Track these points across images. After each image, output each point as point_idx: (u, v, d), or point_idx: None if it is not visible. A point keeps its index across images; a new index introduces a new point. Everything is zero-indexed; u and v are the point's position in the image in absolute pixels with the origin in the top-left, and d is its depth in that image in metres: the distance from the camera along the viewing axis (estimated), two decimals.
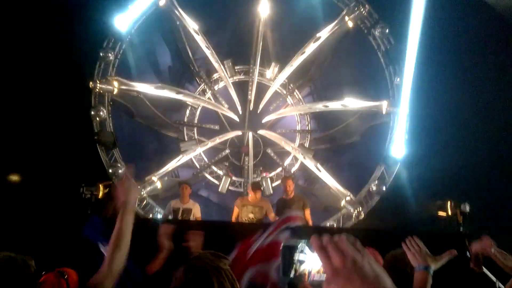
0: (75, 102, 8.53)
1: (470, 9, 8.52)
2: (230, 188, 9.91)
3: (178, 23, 9.38)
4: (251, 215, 6.62)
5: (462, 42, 8.57)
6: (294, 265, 1.12)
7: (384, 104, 8.67)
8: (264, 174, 10.15)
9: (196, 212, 6.91)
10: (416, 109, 8.69)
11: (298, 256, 1.12)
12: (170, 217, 6.95)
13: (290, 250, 1.12)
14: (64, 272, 3.02)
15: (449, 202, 6.73)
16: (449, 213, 7.05)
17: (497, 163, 8.46)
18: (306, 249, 1.11)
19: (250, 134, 9.96)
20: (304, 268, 1.11)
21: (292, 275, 1.11)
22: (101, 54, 8.75)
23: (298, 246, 1.13)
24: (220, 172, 10.05)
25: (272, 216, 6.55)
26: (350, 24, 8.73)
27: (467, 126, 8.69)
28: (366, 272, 0.83)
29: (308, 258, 1.10)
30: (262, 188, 8.03)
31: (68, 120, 8.31)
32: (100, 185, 6.28)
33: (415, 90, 8.66)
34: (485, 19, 8.82)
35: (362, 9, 8.58)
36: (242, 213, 6.70)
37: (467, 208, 6.72)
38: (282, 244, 1.15)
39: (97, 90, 8.58)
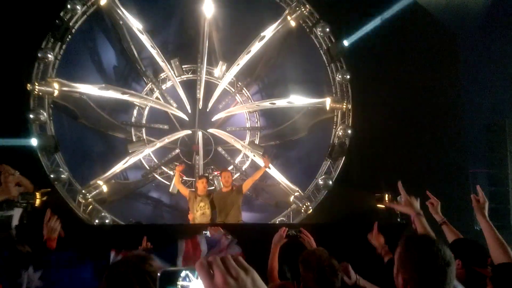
0: (12, 106, 8.15)
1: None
2: None
3: (121, 22, 9.17)
4: (202, 204, 6.97)
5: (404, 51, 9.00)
6: None
7: (327, 101, 8.94)
8: (215, 173, 10.18)
9: None
10: (357, 105, 9.04)
11: (181, 283, 1.06)
12: None
13: (171, 276, 1.06)
14: None
15: (386, 195, 7.05)
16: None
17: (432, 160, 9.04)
18: (190, 276, 1.06)
19: (200, 133, 9.93)
20: None
21: None
22: (39, 55, 8.39)
23: (181, 273, 1.07)
24: (171, 173, 9.96)
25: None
26: (293, 23, 8.89)
27: (406, 125, 9.17)
28: None
29: (193, 285, 1.05)
30: (207, 177, 8.25)
31: (5, 124, 7.93)
32: (37, 193, 6.02)
33: (356, 87, 9.00)
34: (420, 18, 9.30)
35: (303, 9, 8.75)
36: (195, 204, 6.98)
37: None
38: (160, 271, 1.08)
39: (35, 92, 8.25)
